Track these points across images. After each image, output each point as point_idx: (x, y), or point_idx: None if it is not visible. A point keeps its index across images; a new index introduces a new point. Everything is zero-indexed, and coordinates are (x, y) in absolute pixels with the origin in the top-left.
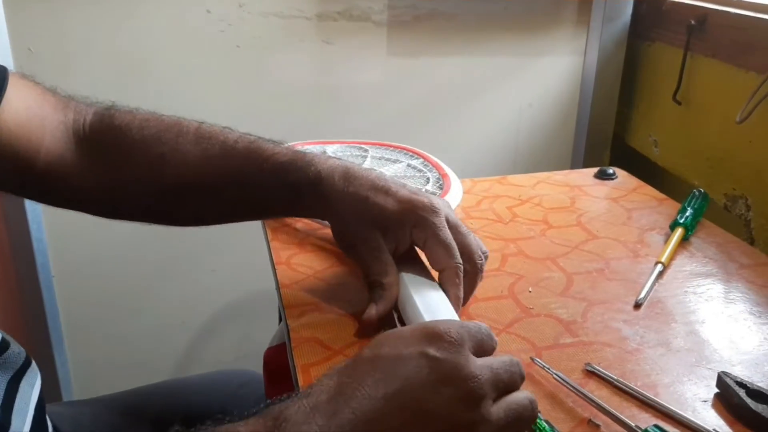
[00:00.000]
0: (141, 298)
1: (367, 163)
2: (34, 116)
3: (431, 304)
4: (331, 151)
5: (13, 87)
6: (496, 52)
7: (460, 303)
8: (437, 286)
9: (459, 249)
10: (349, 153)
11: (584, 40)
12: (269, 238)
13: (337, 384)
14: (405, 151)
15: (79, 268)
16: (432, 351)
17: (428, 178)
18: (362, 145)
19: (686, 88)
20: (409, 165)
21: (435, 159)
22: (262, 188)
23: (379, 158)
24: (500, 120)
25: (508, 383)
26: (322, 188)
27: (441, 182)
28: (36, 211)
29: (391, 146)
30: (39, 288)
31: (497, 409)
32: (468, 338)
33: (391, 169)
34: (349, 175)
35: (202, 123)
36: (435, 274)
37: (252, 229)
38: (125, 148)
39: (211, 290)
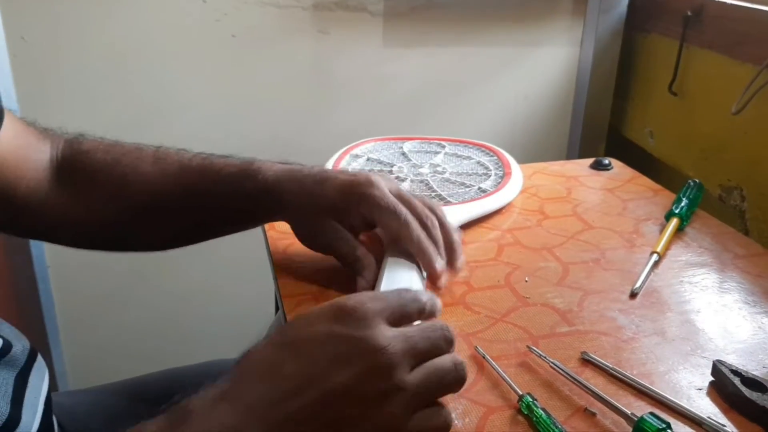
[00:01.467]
0: (137, 289)
1: (440, 158)
2: (21, 147)
3: (394, 283)
4: (408, 147)
5: (4, 121)
6: (492, 42)
7: (431, 256)
8: (414, 267)
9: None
10: (426, 148)
11: (580, 31)
12: (266, 228)
13: (243, 371)
14: (482, 148)
15: (75, 259)
16: (338, 328)
17: (489, 176)
18: (441, 142)
19: (682, 79)
20: (479, 162)
21: (508, 157)
22: (218, 200)
23: (453, 154)
24: (496, 110)
25: (428, 349)
26: (272, 194)
27: (500, 181)
28: None
29: (469, 143)
30: (35, 279)
31: (413, 376)
32: (381, 309)
33: (461, 164)
34: (293, 177)
35: (159, 147)
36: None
37: None
38: (91, 172)
39: (207, 280)
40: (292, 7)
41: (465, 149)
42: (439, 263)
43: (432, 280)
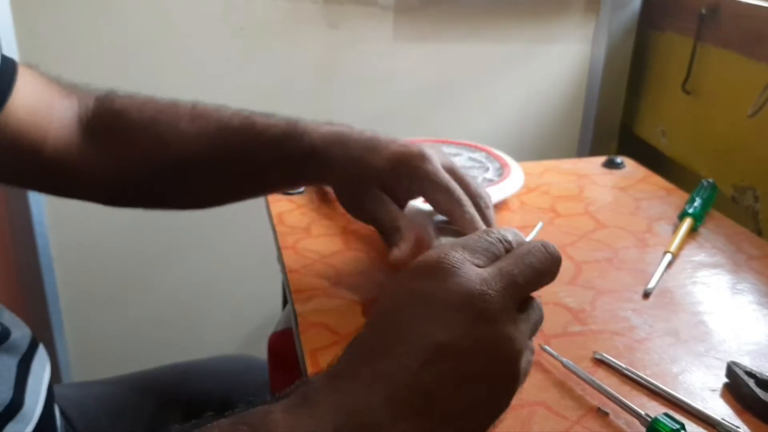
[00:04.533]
0: (142, 282)
1: None
2: (42, 103)
3: None
4: None
5: (21, 76)
6: (503, 38)
7: None
8: None
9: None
10: None
11: (593, 28)
12: (275, 223)
13: (350, 355)
14: (468, 147)
15: (80, 252)
16: (425, 285)
17: (488, 168)
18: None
19: (696, 78)
20: (470, 157)
21: (497, 152)
22: (260, 162)
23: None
24: (507, 107)
25: (532, 278)
26: (318, 157)
27: (501, 171)
28: (37, 194)
29: (453, 143)
30: (39, 271)
31: (524, 321)
32: (467, 252)
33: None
34: (342, 141)
35: (197, 103)
36: None
37: (254, 214)
38: (126, 131)
39: (212, 275)
40: (302, 1)
41: (451, 148)
42: None
43: None
